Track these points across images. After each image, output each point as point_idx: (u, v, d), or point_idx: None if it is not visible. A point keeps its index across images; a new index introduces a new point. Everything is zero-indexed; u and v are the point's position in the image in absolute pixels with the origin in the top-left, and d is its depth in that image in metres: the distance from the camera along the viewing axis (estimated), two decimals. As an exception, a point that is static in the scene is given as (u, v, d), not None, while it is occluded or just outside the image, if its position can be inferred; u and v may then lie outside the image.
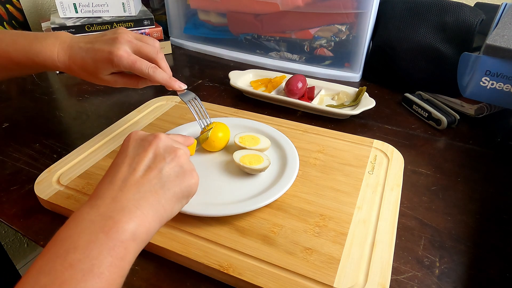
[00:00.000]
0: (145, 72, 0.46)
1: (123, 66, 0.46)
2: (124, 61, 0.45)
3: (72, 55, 0.47)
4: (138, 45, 0.47)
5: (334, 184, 0.48)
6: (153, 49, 0.48)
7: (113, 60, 0.45)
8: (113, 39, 0.46)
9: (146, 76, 0.47)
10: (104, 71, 0.47)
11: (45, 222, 0.45)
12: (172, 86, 0.49)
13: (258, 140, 0.52)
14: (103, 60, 0.46)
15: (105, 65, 0.46)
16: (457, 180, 0.53)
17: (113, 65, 0.46)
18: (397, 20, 0.74)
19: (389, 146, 0.55)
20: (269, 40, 0.90)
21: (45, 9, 1.03)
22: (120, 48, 0.45)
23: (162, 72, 0.48)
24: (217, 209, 0.41)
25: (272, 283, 0.35)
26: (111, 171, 0.33)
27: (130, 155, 0.33)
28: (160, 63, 0.48)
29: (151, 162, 0.33)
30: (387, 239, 0.40)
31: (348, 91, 0.72)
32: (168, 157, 0.33)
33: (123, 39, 0.46)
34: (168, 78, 0.48)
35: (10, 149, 0.58)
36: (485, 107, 0.65)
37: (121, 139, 0.57)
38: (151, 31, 0.95)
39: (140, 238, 0.29)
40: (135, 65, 0.46)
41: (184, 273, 0.39)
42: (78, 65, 0.47)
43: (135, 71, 0.47)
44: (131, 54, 0.46)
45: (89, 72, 0.48)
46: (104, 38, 0.47)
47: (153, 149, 0.33)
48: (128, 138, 0.35)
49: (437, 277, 0.39)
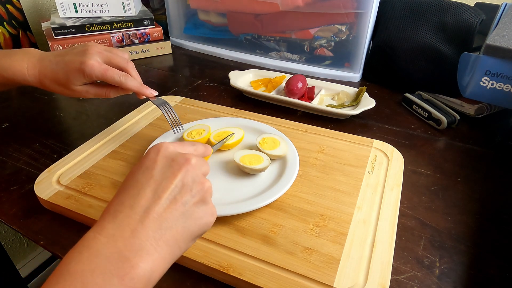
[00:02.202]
0: (117, 79, 0.48)
1: (95, 75, 0.47)
2: (96, 70, 0.47)
3: (42, 69, 0.48)
4: (108, 56, 0.48)
5: (334, 184, 0.48)
6: (123, 59, 0.49)
7: (84, 70, 0.46)
8: (83, 51, 0.47)
9: (118, 83, 0.48)
10: (76, 82, 0.48)
11: (45, 222, 0.45)
12: (144, 92, 0.50)
13: (278, 142, 0.52)
14: (74, 70, 0.47)
15: (76, 76, 0.47)
16: (457, 180, 0.53)
17: (84, 75, 0.47)
18: (397, 20, 0.74)
19: (389, 146, 0.55)
20: (269, 40, 0.90)
21: (45, 9, 1.03)
22: (91, 58, 0.47)
23: (133, 79, 0.49)
24: (217, 209, 0.41)
25: (272, 283, 0.35)
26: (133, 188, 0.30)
27: (157, 177, 0.30)
28: (130, 71, 0.50)
29: (177, 192, 0.30)
30: (387, 239, 0.40)
31: (348, 91, 0.72)
32: (195, 189, 0.31)
33: (93, 50, 0.48)
34: (139, 85, 0.50)
35: (10, 149, 0.58)
36: (485, 107, 0.65)
37: (121, 139, 0.57)
38: (151, 31, 0.95)
39: (152, 282, 0.28)
40: (106, 73, 0.47)
41: (184, 273, 0.39)
42: (49, 78, 0.48)
43: (107, 79, 0.48)
44: (102, 64, 0.48)
45: (61, 83, 0.48)
46: (74, 51, 0.48)
47: (182, 176, 0.30)
48: (157, 151, 0.32)
49: (437, 277, 0.39)
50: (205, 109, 0.66)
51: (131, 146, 0.55)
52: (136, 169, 0.31)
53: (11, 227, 0.44)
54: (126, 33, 0.92)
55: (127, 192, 0.30)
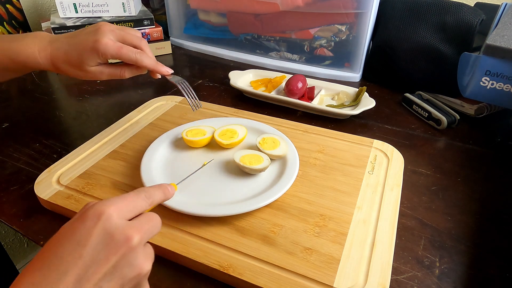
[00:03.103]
0: (133, 57, 0.47)
1: (109, 54, 0.46)
2: (110, 48, 0.45)
3: (54, 51, 0.47)
4: (121, 34, 0.47)
5: (334, 184, 0.48)
6: (136, 37, 0.48)
7: (98, 48, 0.45)
8: (96, 30, 0.46)
9: (134, 61, 0.47)
10: (90, 62, 0.46)
11: (45, 222, 0.45)
12: (159, 70, 0.50)
13: (278, 142, 0.52)
14: (88, 50, 0.45)
15: (90, 55, 0.46)
16: (457, 180, 0.53)
17: (99, 54, 0.45)
18: (397, 20, 0.74)
19: (389, 146, 0.55)
20: (269, 40, 0.90)
21: (45, 9, 1.03)
22: (104, 36, 0.45)
23: (148, 57, 0.48)
24: (217, 209, 0.41)
25: (272, 283, 0.35)
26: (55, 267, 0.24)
27: (86, 259, 0.24)
28: (144, 49, 0.49)
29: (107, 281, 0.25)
30: (387, 239, 0.40)
31: (348, 91, 0.72)
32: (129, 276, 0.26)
33: (106, 28, 0.46)
34: (155, 62, 0.49)
35: (10, 149, 0.58)
36: (485, 107, 0.65)
37: (121, 139, 0.57)
38: (151, 31, 0.95)
39: None
40: (121, 51, 0.46)
41: (184, 273, 0.39)
42: (62, 59, 0.47)
43: (122, 57, 0.46)
44: (116, 42, 0.46)
45: (74, 64, 0.47)
46: (86, 31, 0.47)
47: (117, 261, 0.25)
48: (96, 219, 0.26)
49: (437, 277, 0.39)
50: (205, 109, 0.66)
51: (131, 146, 0.55)
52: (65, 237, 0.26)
53: (11, 227, 0.44)
54: (126, 33, 0.92)
55: (46, 269, 0.24)
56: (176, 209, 0.41)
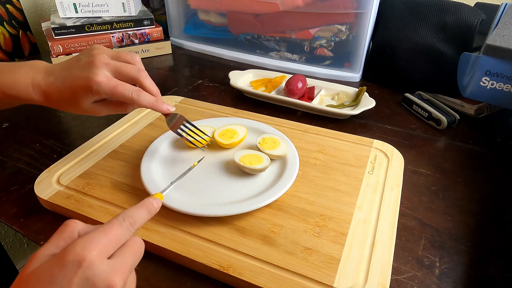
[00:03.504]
0: (129, 96, 0.42)
1: (103, 93, 0.42)
2: (104, 87, 0.41)
3: (47, 87, 0.43)
4: (117, 66, 0.43)
5: (334, 184, 0.48)
6: (134, 68, 0.44)
7: (92, 87, 0.41)
8: (89, 63, 0.42)
9: (130, 101, 0.43)
10: (85, 100, 0.43)
11: (45, 222, 0.45)
12: (160, 109, 0.45)
13: (278, 142, 0.52)
14: (81, 88, 0.42)
15: (84, 94, 0.42)
16: (457, 180, 0.53)
17: (92, 92, 0.41)
18: (397, 20, 0.74)
19: (389, 146, 0.55)
20: (269, 40, 0.90)
21: (45, 9, 1.03)
22: (98, 73, 0.41)
23: (147, 94, 0.44)
24: (217, 209, 0.41)
25: (272, 283, 0.35)
26: None
27: None
28: (143, 82, 0.44)
29: None
30: (387, 239, 0.40)
31: (348, 91, 0.72)
32: None
33: (100, 62, 0.42)
34: (154, 101, 0.44)
35: (10, 149, 0.58)
36: (485, 107, 0.65)
37: (122, 139, 0.57)
38: (151, 31, 0.95)
39: None
40: (116, 90, 0.42)
41: (184, 273, 0.39)
42: (55, 98, 0.43)
43: (117, 96, 0.42)
44: (111, 79, 0.42)
45: (69, 103, 0.43)
46: (80, 63, 0.43)
47: None
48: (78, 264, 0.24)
49: (437, 277, 0.39)
50: (205, 109, 0.66)
51: (131, 146, 0.55)
52: (43, 284, 0.24)
53: (11, 227, 0.44)
54: (126, 33, 0.92)
55: None
56: (176, 209, 0.41)
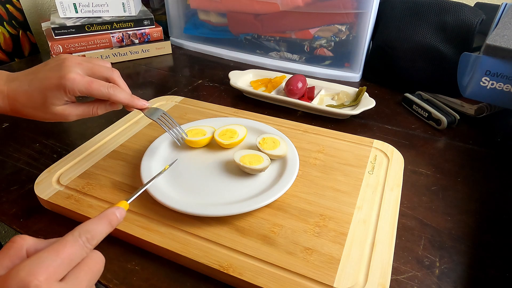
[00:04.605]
0: (105, 92, 0.41)
1: (78, 90, 0.40)
2: (79, 83, 0.40)
3: (11, 92, 0.41)
4: (90, 66, 0.42)
5: (334, 184, 0.48)
6: (107, 68, 0.43)
7: (65, 85, 0.39)
8: (60, 65, 0.41)
9: (106, 96, 0.42)
10: (56, 101, 0.41)
11: (45, 222, 0.45)
12: (135, 104, 0.45)
13: (278, 142, 0.52)
14: (52, 87, 0.40)
15: (56, 93, 0.40)
16: (457, 180, 0.53)
17: (66, 91, 0.40)
18: (397, 20, 0.74)
19: (389, 146, 0.55)
20: (269, 40, 0.90)
21: (45, 9, 1.03)
22: (71, 70, 0.40)
23: (122, 90, 0.43)
24: (217, 209, 0.41)
25: (272, 283, 0.35)
26: None
27: None
28: (117, 81, 0.44)
29: None
30: (387, 239, 0.40)
31: (348, 91, 0.72)
32: None
33: (72, 63, 0.41)
34: (130, 96, 0.44)
35: (10, 149, 0.58)
36: (485, 107, 0.65)
37: (122, 139, 0.57)
38: (151, 31, 0.95)
39: None
40: (91, 86, 0.40)
41: (184, 273, 0.39)
42: (21, 102, 0.41)
43: (92, 93, 0.41)
44: (85, 76, 0.41)
45: (37, 106, 0.41)
46: (48, 66, 0.41)
47: None
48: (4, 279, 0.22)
49: (437, 277, 0.39)
50: (205, 109, 0.66)
51: (131, 146, 0.55)
52: None
53: (11, 227, 0.44)
54: (126, 33, 0.92)
55: None
56: (176, 209, 0.41)
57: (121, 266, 0.39)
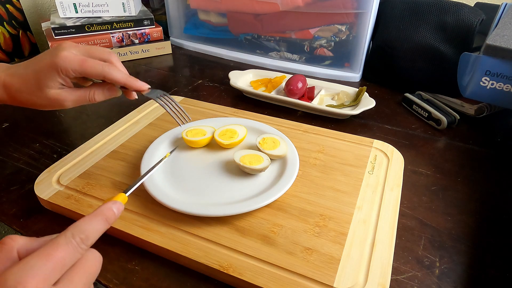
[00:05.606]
0: (99, 69, 0.40)
1: (71, 68, 0.39)
2: (72, 61, 0.39)
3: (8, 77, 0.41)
4: (86, 48, 0.41)
5: (334, 184, 0.48)
6: (104, 50, 0.42)
7: (57, 63, 0.38)
8: (56, 47, 0.40)
9: (101, 75, 0.40)
10: (50, 82, 0.39)
11: (45, 222, 0.45)
12: (133, 85, 0.43)
13: (278, 142, 0.52)
14: (46, 68, 0.39)
15: (49, 74, 0.39)
16: (457, 180, 0.53)
17: (58, 70, 0.39)
18: (397, 20, 0.74)
19: (389, 146, 0.55)
20: (269, 40, 0.90)
21: (45, 9, 1.03)
22: (65, 50, 0.39)
23: (119, 70, 0.41)
24: (217, 209, 0.41)
25: (272, 283, 0.35)
26: None
27: None
28: (114, 62, 0.42)
29: None
30: (387, 239, 0.40)
31: (348, 91, 0.72)
32: None
33: (68, 45, 0.40)
34: (127, 76, 0.42)
35: (10, 149, 0.58)
36: (485, 107, 0.65)
37: (121, 139, 0.57)
38: (151, 31, 0.95)
39: None
40: (85, 64, 0.39)
41: (184, 273, 0.39)
42: (16, 86, 0.40)
43: (86, 71, 0.39)
44: (78, 55, 0.40)
45: (31, 90, 0.40)
46: (45, 52, 0.41)
47: None
48: None
49: (437, 277, 0.39)
50: (205, 109, 0.66)
51: (131, 146, 0.55)
52: None
53: (11, 227, 0.44)
54: (126, 33, 0.92)
55: None
56: (176, 209, 0.41)
57: (121, 266, 0.39)
